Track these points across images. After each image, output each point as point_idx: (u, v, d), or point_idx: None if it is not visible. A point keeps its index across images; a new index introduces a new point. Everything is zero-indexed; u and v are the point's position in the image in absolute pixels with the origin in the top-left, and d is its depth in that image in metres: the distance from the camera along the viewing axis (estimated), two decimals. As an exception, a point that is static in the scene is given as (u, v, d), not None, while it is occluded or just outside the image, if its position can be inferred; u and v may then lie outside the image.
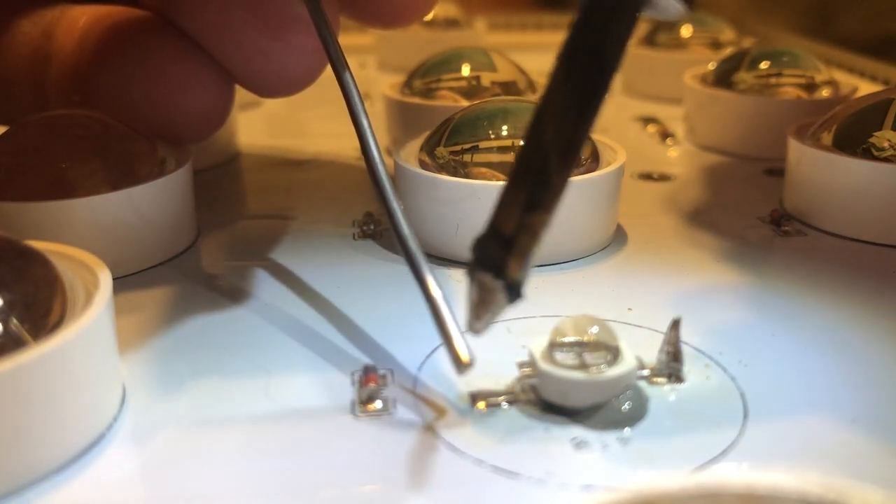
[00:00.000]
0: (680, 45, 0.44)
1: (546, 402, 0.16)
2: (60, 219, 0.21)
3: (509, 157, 0.23)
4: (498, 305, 0.15)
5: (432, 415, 0.16)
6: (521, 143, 0.14)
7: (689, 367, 0.17)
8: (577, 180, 0.22)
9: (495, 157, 0.23)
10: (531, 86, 0.32)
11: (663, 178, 0.31)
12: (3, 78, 0.25)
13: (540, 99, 0.14)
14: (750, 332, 0.19)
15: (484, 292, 0.15)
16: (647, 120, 0.38)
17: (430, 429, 0.16)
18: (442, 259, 0.23)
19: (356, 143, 0.20)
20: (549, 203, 0.14)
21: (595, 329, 0.16)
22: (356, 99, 0.20)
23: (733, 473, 0.10)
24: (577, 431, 0.15)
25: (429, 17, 0.51)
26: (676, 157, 0.33)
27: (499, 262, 0.14)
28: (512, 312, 0.16)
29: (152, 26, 0.24)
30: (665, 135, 0.36)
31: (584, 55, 0.14)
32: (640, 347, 0.18)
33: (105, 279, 0.16)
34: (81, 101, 0.24)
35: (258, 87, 0.24)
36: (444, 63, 0.33)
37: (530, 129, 0.14)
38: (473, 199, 0.22)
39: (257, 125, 0.38)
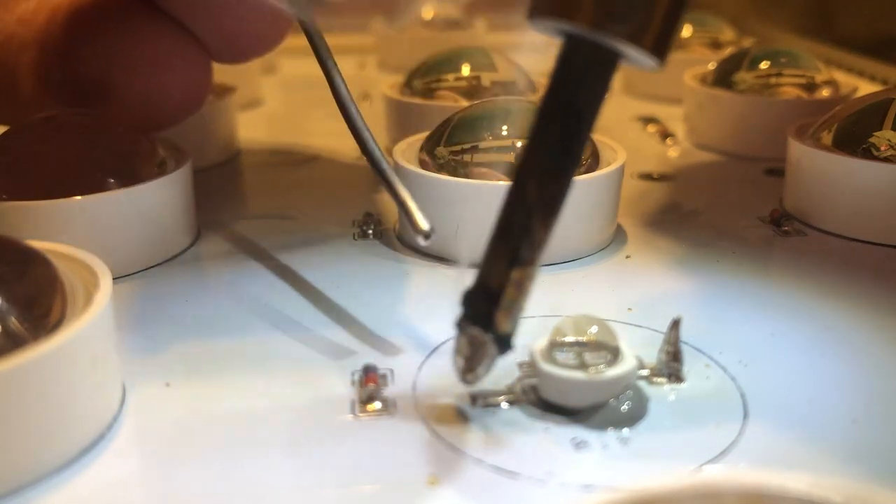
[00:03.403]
0: (680, 45, 0.44)
1: (546, 402, 0.16)
2: (60, 219, 0.21)
3: (509, 157, 0.23)
4: (489, 357, 0.15)
5: (432, 415, 0.16)
6: (503, 200, 0.15)
7: (689, 367, 0.17)
8: (577, 180, 0.22)
9: (495, 157, 0.23)
10: (531, 86, 0.32)
11: (663, 178, 0.31)
12: None
13: (520, 155, 0.15)
14: (750, 332, 0.19)
15: (475, 346, 0.15)
16: (647, 120, 0.38)
17: (430, 429, 0.16)
18: (442, 259, 0.23)
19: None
20: (533, 258, 0.15)
21: (595, 329, 0.16)
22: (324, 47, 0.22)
23: (733, 473, 0.10)
24: (577, 431, 0.15)
25: (429, 17, 0.51)
26: (676, 157, 0.33)
27: (487, 316, 0.15)
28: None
29: (130, 5, 0.24)
30: (665, 135, 0.36)
31: (561, 113, 0.14)
32: (640, 347, 0.18)
33: (105, 279, 0.16)
34: (62, 80, 0.24)
35: (232, 51, 0.25)
36: (444, 63, 0.33)
37: (511, 186, 0.15)
38: (473, 199, 0.22)
39: (257, 125, 0.38)
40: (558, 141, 0.14)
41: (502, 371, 0.17)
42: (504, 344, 0.15)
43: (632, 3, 0.13)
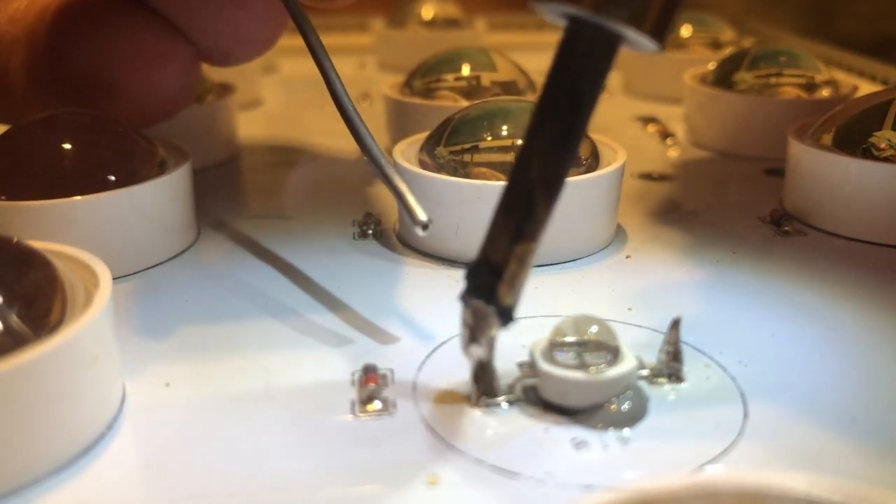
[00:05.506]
0: (680, 45, 0.44)
1: (546, 402, 0.16)
2: (60, 219, 0.21)
3: (509, 157, 0.23)
4: (491, 329, 0.15)
5: (432, 415, 0.16)
6: (508, 177, 0.15)
7: (689, 367, 0.17)
8: (576, 180, 0.22)
9: (495, 157, 0.23)
10: (531, 86, 0.32)
11: (663, 178, 0.31)
12: None
13: (524, 136, 0.15)
14: (750, 332, 0.19)
15: (477, 318, 0.15)
16: (647, 120, 0.38)
17: (430, 429, 0.16)
18: (442, 259, 0.23)
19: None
20: (535, 233, 0.15)
21: (595, 329, 0.16)
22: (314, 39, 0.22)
23: (733, 473, 0.10)
24: (577, 431, 0.15)
25: (429, 16, 0.51)
26: (676, 157, 0.33)
27: (490, 289, 0.15)
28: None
29: (118, 3, 0.24)
30: (665, 135, 0.36)
31: (563, 94, 0.15)
32: (640, 347, 0.18)
33: (105, 279, 0.16)
34: (52, 79, 0.24)
35: (223, 53, 0.25)
36: (444, 63, 0.33)
37: (515, 164, 0.15)
38: (473, 199, 0.22)
39: (257, 125, 0.38)
40: (561, 121, 0.15)
41: (502, 371, 0.17)
42: (506, 316, 0.15)
43: None
